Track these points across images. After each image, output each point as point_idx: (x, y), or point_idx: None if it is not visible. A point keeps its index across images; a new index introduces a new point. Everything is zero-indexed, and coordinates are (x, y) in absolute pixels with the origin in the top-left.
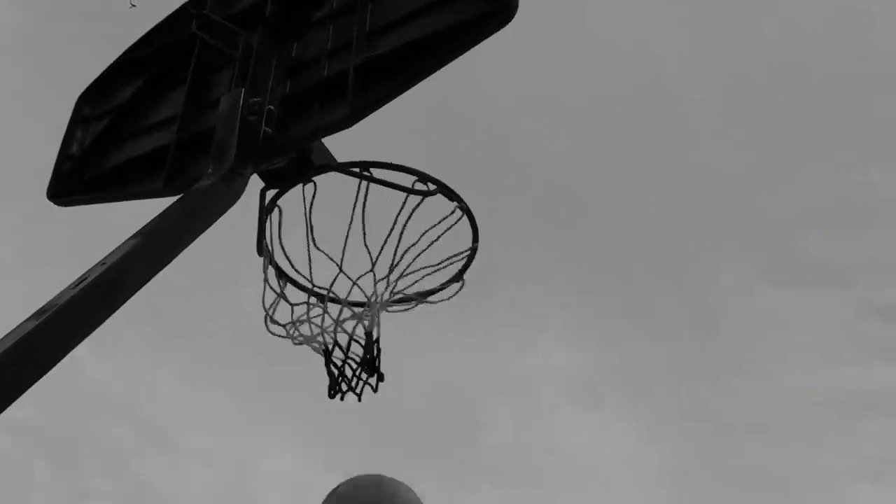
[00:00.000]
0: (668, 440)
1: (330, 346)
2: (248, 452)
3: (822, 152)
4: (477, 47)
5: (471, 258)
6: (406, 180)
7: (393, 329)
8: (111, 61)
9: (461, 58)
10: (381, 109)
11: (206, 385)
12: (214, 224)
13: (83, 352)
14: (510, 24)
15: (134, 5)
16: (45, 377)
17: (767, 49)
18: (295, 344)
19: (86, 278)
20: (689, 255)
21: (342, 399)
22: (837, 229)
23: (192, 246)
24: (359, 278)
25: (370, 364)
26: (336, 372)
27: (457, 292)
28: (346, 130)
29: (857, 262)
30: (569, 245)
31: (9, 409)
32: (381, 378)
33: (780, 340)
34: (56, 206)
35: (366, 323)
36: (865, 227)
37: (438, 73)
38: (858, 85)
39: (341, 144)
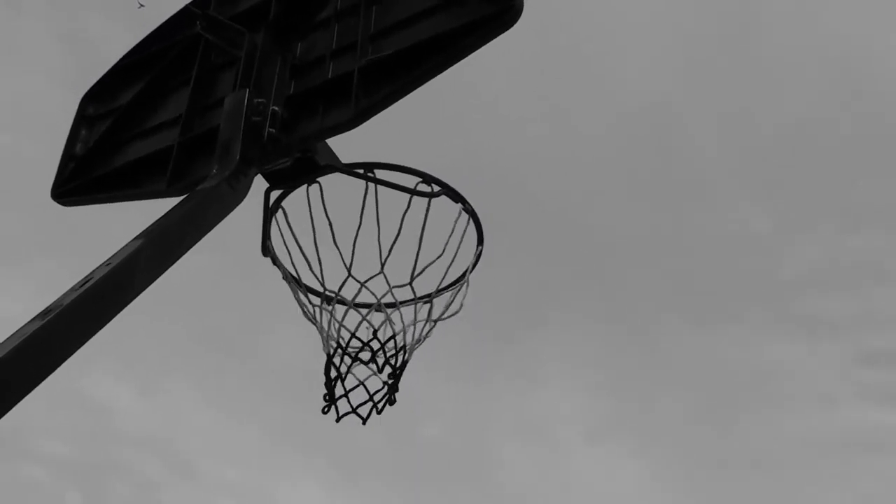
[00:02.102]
0: (675, 478)
1: (333, 348)
2: (272, 485)
3: (820, 216)
4: (506, 62)
5: (476, 260)
6: (411, 182)
7: (415, 370)
8: (115, 61)
9: (471, 62)
10: (385, 111)
11: (232, 417)
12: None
13: (116, 387)
14: (531, 40)
15: (142, 5)
16: (78, 411)
17: (777, 119)
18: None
19: (90, 279)
20: (699, 307)
21: (326, 423)
22: (832, 286)
23: (226, 279)
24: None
25: (393, 380)
26: (332, 378)
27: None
28: (351, 131)
29: (849, 316)
30: (587, 293)
31: (44, 442)
32: (392, 399)
33: (781, 385)
34: (60, 206)
35: (397, 337)
36: (857, 283)
37: (445, 74)
38: (853, 155)
39: (346, 145)
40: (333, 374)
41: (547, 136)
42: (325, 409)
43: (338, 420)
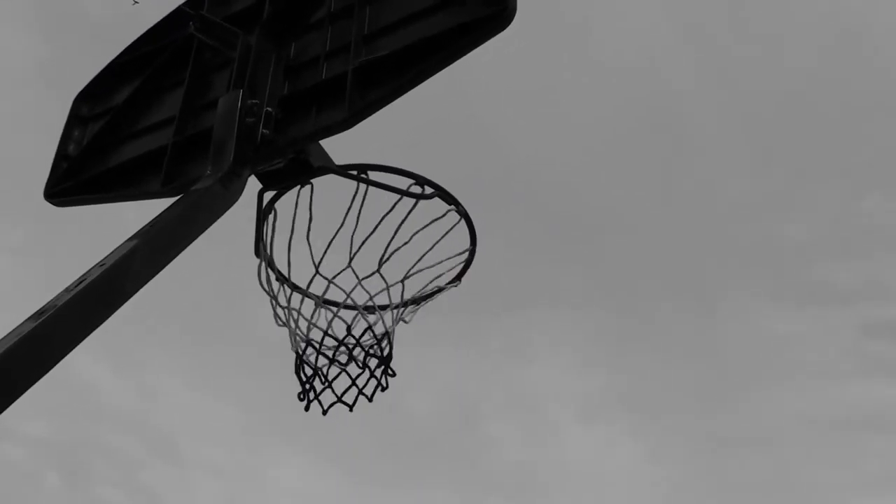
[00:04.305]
0: (672, 456)
1: (303, 348)
2: (256, 463)
3: (825, 181)
4: (488, 56)
5: (469, 261)
6: (405, 184)
7: (406, 345)
8: (108, 61)
9: (465, 62)
10: (379, 112)
11: (215, 397)
12: (229, 238)
13: (95, 366)
14: (520, 34)
15: (137, 1)
16: (57, 391)
17: (776, 80)
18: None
19: (85, 279)
20: (695, 278)
21: (313, 408)
22: (839, 253)
23: (205, 259)
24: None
25: (383, 366)
26: (307, 376)
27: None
28: (344, 132)
29: (857, 284)
30: (579, 266)
31: (22, 422)
32: (384, 385)
33: (783, 359)
34: (54, 207)
35: (383, 325)
36: (866, 250)
37: (439, 75)
38: (859, 117)
39: (339, 147)
40: (310, 371)
41: (540, 117)
42: (307, 407)
43: (324, 413)
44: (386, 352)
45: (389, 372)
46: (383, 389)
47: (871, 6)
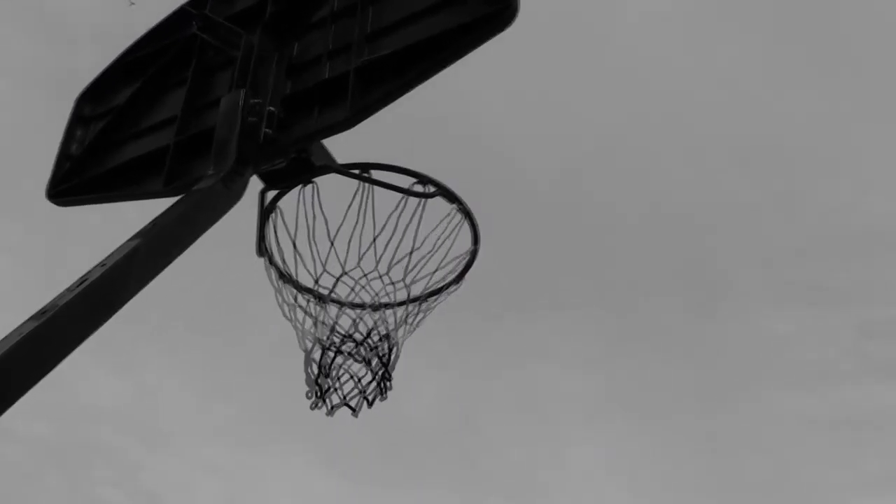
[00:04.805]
0: (672, 456)
1: (309, 347)
2: (256, 463)
3: (825, 181)
4: (491, 55)
5: (471, 260)
6: (407, 183)
7: (406, 345)
8: (111, 61)
9: (468, 61)
10: (381, 111)
11: (215, 397)
12: (231, 237)
13: (95, 365)
14: (524, 34)
15: (133, 2)
16: (57, 391)
17: (776, 80)
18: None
19: (86, 279)
20: (696, 278)
21: (329, 413)
22: (839, 253)
23: (206, 259)
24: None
25: (383, 374)
26: (315, 375)
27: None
28: (347, 132)
29: (857, 284)
30: (579, 266)
31: (22, 422)
32: (383, 392)
33: (783, 359)
34: (55, 206)
35: (390, 334)
36: (866, 250)
37: (442, 74)
38: (859, 117)
39: (341, 146)
40: (316, 369)
41: (541, 117)
42: (313, 406)
43: (330, 413)
44: (390, 356)
45: (388, 376)
46: (382, 394)
47: (872, 7)
